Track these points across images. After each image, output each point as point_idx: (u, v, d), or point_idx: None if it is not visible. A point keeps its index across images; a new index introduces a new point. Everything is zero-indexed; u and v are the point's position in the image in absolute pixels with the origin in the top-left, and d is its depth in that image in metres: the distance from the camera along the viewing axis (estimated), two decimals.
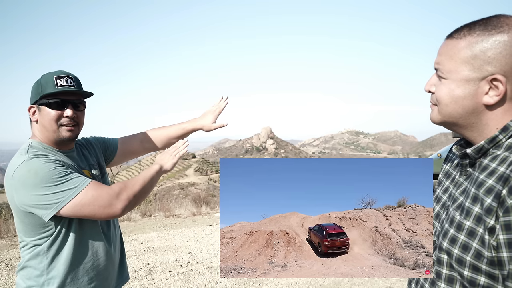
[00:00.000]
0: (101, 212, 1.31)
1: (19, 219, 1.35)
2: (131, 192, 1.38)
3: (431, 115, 0.90)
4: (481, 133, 0.83)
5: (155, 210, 8.83)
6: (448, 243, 0.81)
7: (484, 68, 0.77)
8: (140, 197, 1.41)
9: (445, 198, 0.92)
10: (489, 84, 0.78)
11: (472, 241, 0.76)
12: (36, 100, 1.39)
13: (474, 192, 0.79)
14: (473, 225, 0.76)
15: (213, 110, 1.86)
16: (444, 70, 0.83)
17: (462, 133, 0.87)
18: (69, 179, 1.29)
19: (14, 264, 4.71)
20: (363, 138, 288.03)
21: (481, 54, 0.77)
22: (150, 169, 1.53)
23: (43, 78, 1.39)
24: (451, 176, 0.94)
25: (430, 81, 0.89)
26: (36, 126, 1.42)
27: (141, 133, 1.84)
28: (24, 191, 1.27)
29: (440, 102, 0.85)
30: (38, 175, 1.26)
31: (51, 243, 1.35)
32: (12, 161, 1.34)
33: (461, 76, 0.80)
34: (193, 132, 1.88)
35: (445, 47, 0.84)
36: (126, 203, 1.35)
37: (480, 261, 0.74)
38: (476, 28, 0.79)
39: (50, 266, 1.35)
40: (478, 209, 0.76)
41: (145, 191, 1.44)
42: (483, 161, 0.81)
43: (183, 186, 77.82)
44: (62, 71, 1.41)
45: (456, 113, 0.83)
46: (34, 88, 1.42)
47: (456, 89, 0.81)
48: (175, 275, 4.32)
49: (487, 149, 0.81)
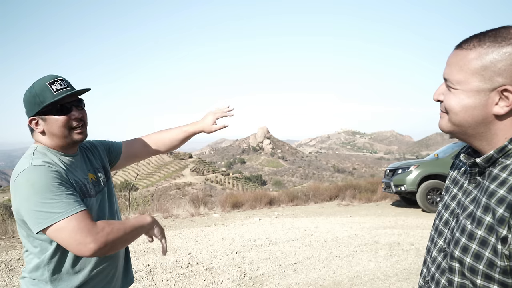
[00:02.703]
0: (73, 247, 1.22)
1: (20, 221, 1.33)
2: (113, 235, 1.26)
3: (440, 123, 0.91)
4: (490, 143, 0.84)
5: (153, 211, 8.83)
6: (460, 252, 0.82)
7: (494, 79, 0.79)
8: (119, 244, 1.29)
9: (454, 206, 0.93)
10: (500, 95, 0.79)
11: (484, 250, 0.77)
12: (37, 111, 1.36)
13: (485, 201, 0.80)
14: (485, 234, 0.77)
15: (214, 112, 1.87)
16: (453, 81, 0.84)
17: (470, 142, 0.88)
18: (59, 201, 1.23)
19: (14, 265, 4.69)
20: (359, 138, 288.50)
21: (492, 66, 0.79)
22: (142, 219, 1.43)
23: (36, 88, 1.36)
24: (459, 183, 0.95)
25: (439, 90, 0.90)
26: (41, 136, 1.41)
27: (144, 137, 1.85)
28: (19, 199, 1.27)
29: (450, 111, 0.86)
30: (34, 187, 1.24)
31: (51, 254, 1.32)
32: (18, 164, 1.33)
33: (471, 87, 0.81)
34: (195, 135, 1.89)
35: (455, 58, 0.85)
36: (102, 243, 1.23)
37: (493, 270, 0.75)
38: (486, 39, 0.80)
39: (53, 277, 1.34)
40: (490, 218, 0.77)
41: (127, 239, 1.33)
42: (493, 170, 0.83)
43: (179, 186, 77.63)
44: (50, 75, 1.39)
45: (465, 122, 0.84)
46: (29, 100, 1.38)
47: (466, 99, 0.82)
48: (175, 276, 4.33)
49: (496, 159, 0.83)
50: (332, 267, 4.63)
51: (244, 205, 10.07)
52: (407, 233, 6.40)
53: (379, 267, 4.57)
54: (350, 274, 4.35)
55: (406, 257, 4.96)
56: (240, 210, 9.87)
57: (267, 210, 9.91)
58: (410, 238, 6.02)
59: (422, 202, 8.92)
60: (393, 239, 5.97)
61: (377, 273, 4.36)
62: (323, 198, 11.50)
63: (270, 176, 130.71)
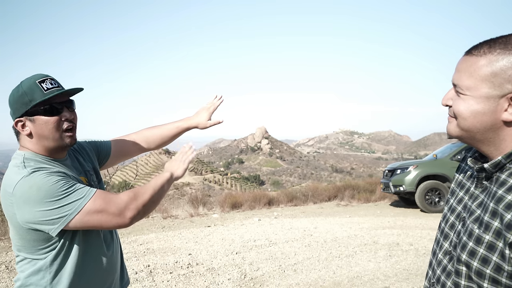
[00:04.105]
0: (109, 222, 1.26)
1: (19, 236, 1.27)
2: (140, 201, 1.31)
3: (448, 127, 0.91)
4: (498, 148, 0.85)
5: (153, 211, 8.82)
6: (467, 256, 0.83)
7: (504, 86, 0.79)
8: (149, 207, 1.35)
9: (460, 209, 0.94)
10: (509, 102, 0.80)
11: (492, 255, 0.78)
12: (24, 111, 1.27)
13: (493, 206, 0.81)
14: (492, 239, 0.78)
15: (207, 108, 1.82)
16: (463, 87, 0.85)
17: (478, 147, 0.89)
18: (74, 190, 1.23)
19: (14, 266, 4.68)
20: (357, 138, 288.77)
21: (502, 73, 0.79)
22: (160, 177, 1.46)
23: (24, 86, 1.27)
24: (465, 187, 0.96)
25: (448, 95, 0.91)
26: (28, 138, 1.31)
27: (134, 134, 1.79)
28: (28, 208, 1.19)
29: (459, 116, 0.87)
30: (41, 190, 1.19)
31: (54, 257, 1.28)
32: (9, 177, 1.24)
33: (480, 93, 0.82)
34: (188, 131, 1.84)
35: (464, 64, 0.86)
36: (135, 212, 1.29)
37: (500, 274, 0.77)
38: (496, 46, 0.81)
39: (54, 281, 1.28)
40: (498, 223, 0.78)
41: (155, 201, 1.38)
42: (501, 175, 0.84)
43: (178, 186, 77.53)
44: (40, 74, 1.30)
45: (474, 127, 0.85)
46: (16, 99, 1.28)
47: (476, 105, 0.83)
48: (176, 276, 4.34)
49: (504, 164, 0.84)
50: (332, 267, 4.64)
51: (243, 206, 10.08)
52: (406, 233, 6.42)
53: (378, 268, 4.59)
54: (350, 274, 4.37)
55: (406, 257, 4.98)
56: (239, 210, 9.88)
57: (266, 210, 9.93)
58: (409, 239, 6.05)
59: (420, 202, 8.95)
60: (392, 240, 5.99)
61: (376, 273, 4.38)
62: (322, 198, 11.52)
63: (268, 176, 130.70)
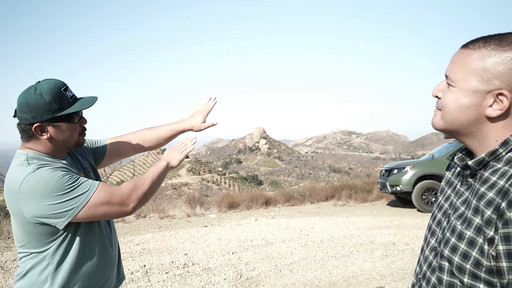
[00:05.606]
0: (113, 212, 1.36)
1: (25, 231, 1.32)
2: (141, 191, 1.43)
3: (433, 120, 0.92)
4: (481, 143, 0.86)
5: (150, 211, 8.81)
6: (449, 251, 0.85)
7: (492, 81, 0.80)
8: (149, 195, 1.46)
9: (447, 206, 0.95)
10: (494, 98, 0.81)
11: (472, 250, 0.79)
12: (50, 117, 1.32)
13: (475, 203, 0.82)
14: (473, 235, 0.80)
15: (201, 110, 1.85)
16: (453, 78, 0.86)
17: (462, 140, 0.90)
18: (79, 183, 1.31)
19: (9, 266, 4.67)
20: (355, 138, 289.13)
21: (492, 68, 0.80)
22: (157, 166, 1.56)
23: (50, 93, 1.31)
24: (452, 185, 0.98)
25: (439, 86, 0.92)
26: (43, 141, 1.36)
27: (130, 134, 1.83)
28: (35, 203, 1.25)
29: (445, 109, 0.88)
30: (49, 185, 1.25)
31: (57, 247, 1.34)
32: (13, 174, 1.30)
33: (469, 86, 0.83)
34: (183, 133, 1.87)
35: (459, 56, 0.87)
36: (136, 202, 1.41)
37: (479, 269, 0.78)
38: (491, 42, 0.82)
39: (56, 271, 1.34)
40: (479, 220, 0.79)
41: (154, 189, 1.49)
42: (484, 173, 0.85)
43: (176, 186, 77.49)
44: (60, 81, 1.37)
45: (458, 121, 0.86)
46: (40, 105, 1.31)
47: (463, 98, 0.84)
48: (172, 276, 4.33)
49: (487, 162, 0.85)
50: (328, 267, 4.65)
51: (240, 206, 10.08)
52: (403, 233, 6.44)
53: (374, 267, 4.60)
54: (345, 274, 4.37)
55: (402, 257, 4.99)
56: (236, 210, 9.88)
57: (263, 210, 9.93)
58: (405, 238, 6.06)
59: (417, 202, 8.96)
60: (389, 239, 6.00)
61: (372, 273, 4.39)
62: (319, 198, 11.53)
63: (266, 176, 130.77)
